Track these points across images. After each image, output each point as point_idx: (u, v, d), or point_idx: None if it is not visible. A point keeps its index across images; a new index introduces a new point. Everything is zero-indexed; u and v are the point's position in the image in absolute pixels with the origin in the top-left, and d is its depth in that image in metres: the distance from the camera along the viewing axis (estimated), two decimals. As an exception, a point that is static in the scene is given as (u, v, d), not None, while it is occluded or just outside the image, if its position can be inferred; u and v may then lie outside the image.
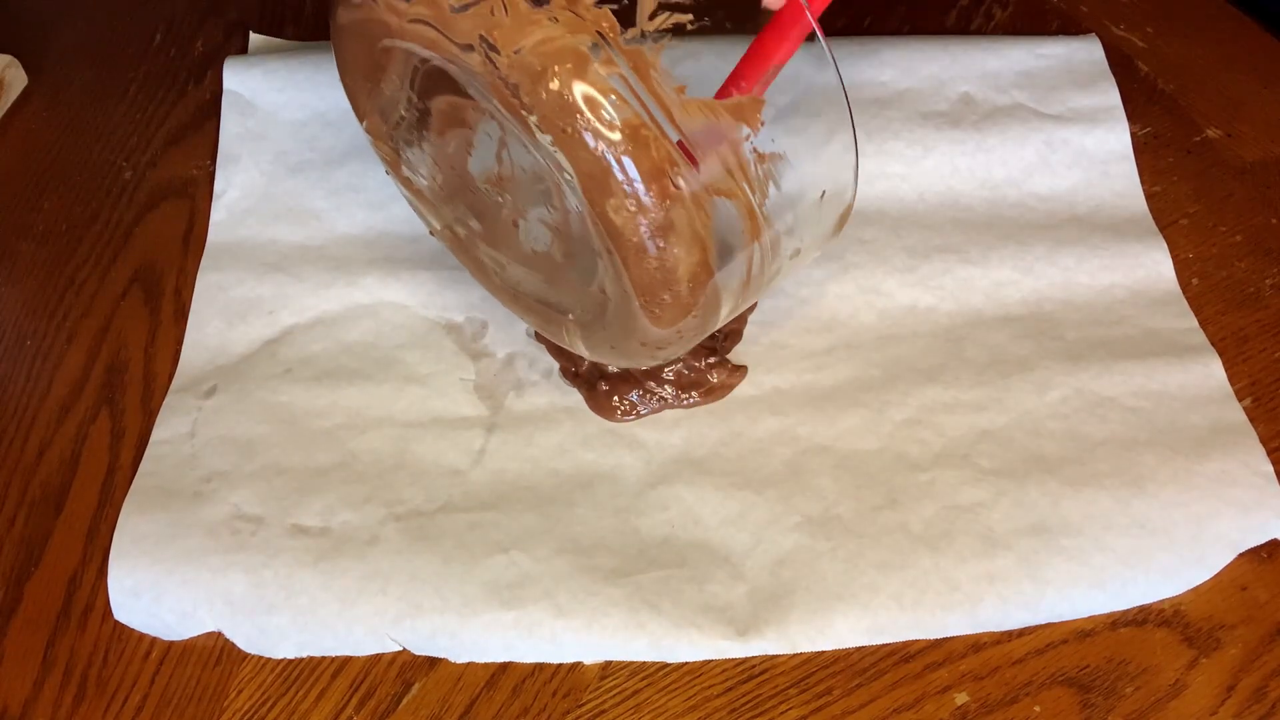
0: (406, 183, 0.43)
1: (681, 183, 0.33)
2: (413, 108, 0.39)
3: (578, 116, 0.32)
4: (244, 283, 0.49)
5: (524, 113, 0.32)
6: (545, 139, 0.33)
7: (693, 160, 0.33)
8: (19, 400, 0.46)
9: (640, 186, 0.32)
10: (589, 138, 0.32)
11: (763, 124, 0.34)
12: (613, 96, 0.32)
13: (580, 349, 0.41)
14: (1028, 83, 0.54)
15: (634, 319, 0.36)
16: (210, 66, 0.59)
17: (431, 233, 0.45)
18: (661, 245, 0.33)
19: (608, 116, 0.32)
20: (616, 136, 0.32)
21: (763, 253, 0.36)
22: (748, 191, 0.34)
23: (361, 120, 0.42)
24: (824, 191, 0.37)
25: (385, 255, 0.50)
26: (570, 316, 0.40)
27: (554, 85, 0.31)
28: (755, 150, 0.34)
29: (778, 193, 0.35)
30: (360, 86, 0.40)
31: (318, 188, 0.53)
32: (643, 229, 0.33)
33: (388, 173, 0.44)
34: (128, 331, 0.49)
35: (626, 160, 0.32)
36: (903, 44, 0.56)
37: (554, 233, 0.39)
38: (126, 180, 0.55)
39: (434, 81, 0.37)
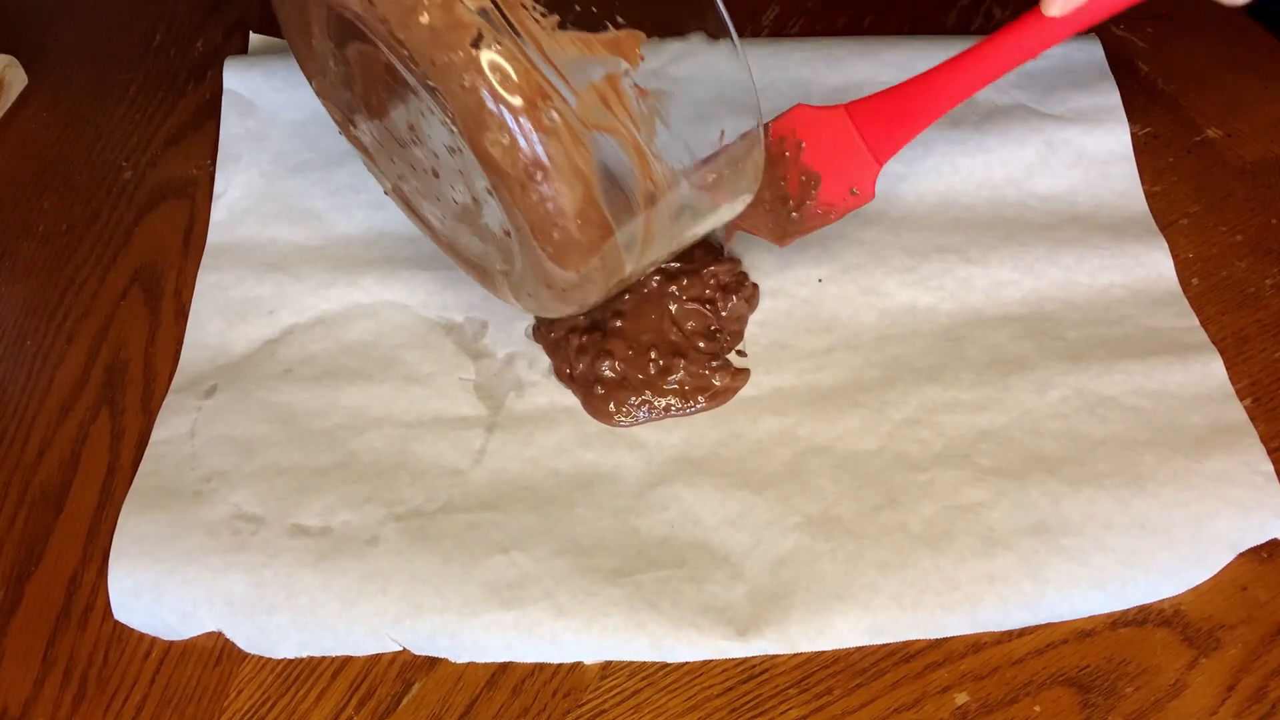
0: (356, 142, 0.43)
1: (555, 115, 0.33)
2: (338, 62, 0.39)
3: (447, 50, 0.32)
4: (244, 283, 0.49)
5: (400, 48, 0.33)
6: (420, 73, 0.33)
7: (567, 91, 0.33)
8: (19, 400, 0.46)
9: (511, 119, 0.32)
10: (460, 71, 0.32)
11: (642, 59, 0.34)
12: (480, 29, 0.32)
13: (511, 301, 0.41)
14: (1028, 82, 0.54)
15: (539, 262, 0.36)
16: (210, 66, 0.59)
17: (386, 193, 0.45)
18: (540, 179, 0.33)
19: (476, 48, 0.32)
20: (486, 69, 0.32)
21: (660, 194, 0.36)
22: (630, 127, 0.34)
23: (310, 82, 0.42)
24: (723, 130, 0.36)
25: (385, 255, 0.50)
26: (498, 268, 0.40)
27: (424, 19, 0.32)
28: (636, 86, 0.34)
29: (667, 130, 0.35)
30: (299, 45, 0.41)
31: (318, 188, 0.53)
32: (521, 162, 0.33)
33: (339, 133, 0.44)
34: (128, 331, 0.49)
35: (499, 92, 0.32)
36: (903, 44, 0.56)
37: (463, 178, 0.39)
38: (126, 180, 0.55)
39: (345, 30, 0.37)
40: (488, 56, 0.32)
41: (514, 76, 0.32)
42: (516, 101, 0.32)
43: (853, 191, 0.41)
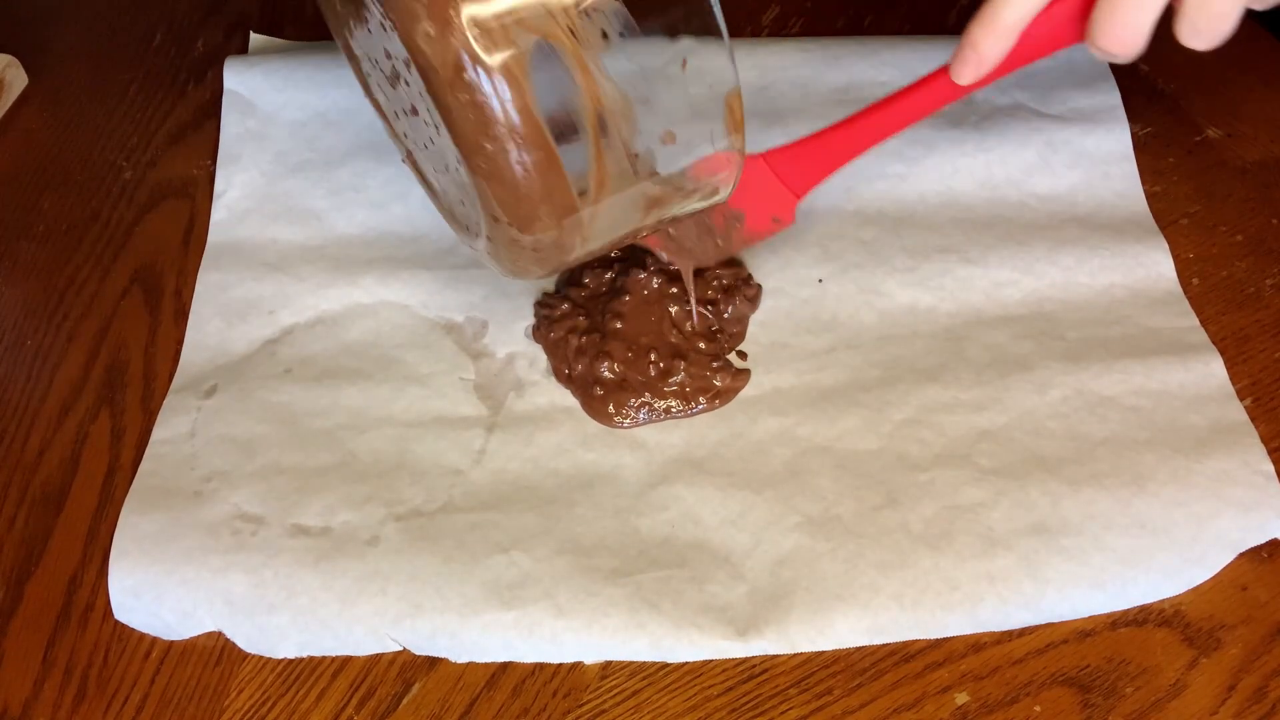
0: (376, 105, 0.43)
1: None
2: (343, 4, 0.39)
3: None
4: (244, 283, 0.49)
5: None
6: None
7: None
8: (19, 400, 0.46)
9: (439, 8, 0.32)
10: None
11: None
12: None
13: (490, 265, 0.40)
14: (1028, 83, 0.54)
15: (484, 194, 0.35)
16: (210, 66, 0.59)
17: (401, 160, 0.44)
18: (469, 75, 0.32)
19: None
20: None
21: (612, 120, 0.34)
22: (567, 33, 0.33)
23: (336, 40, 0.42)
24: (685, 59, 0.35)
25: (385, 255, 0.50)
26: (481, 228, 0.39)
27: None
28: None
29: (613, 44, 0.33)
30: (325, 3, 0.40)
31: (318, 188, 0.53)
32: (449, 54, 0.32)
33: (365, 96, 0.43)
34: (128, 331, 0.49)
35: None
36: (903, 44, 0.56)
37: (427, 112, 0.38)
38: (126, 180, 0.55)
39: None
40: None
41: None
42: None
43: (775, 220, 0.44)
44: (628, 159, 0.36)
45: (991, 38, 0.38)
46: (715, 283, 0.46)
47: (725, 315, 0.46)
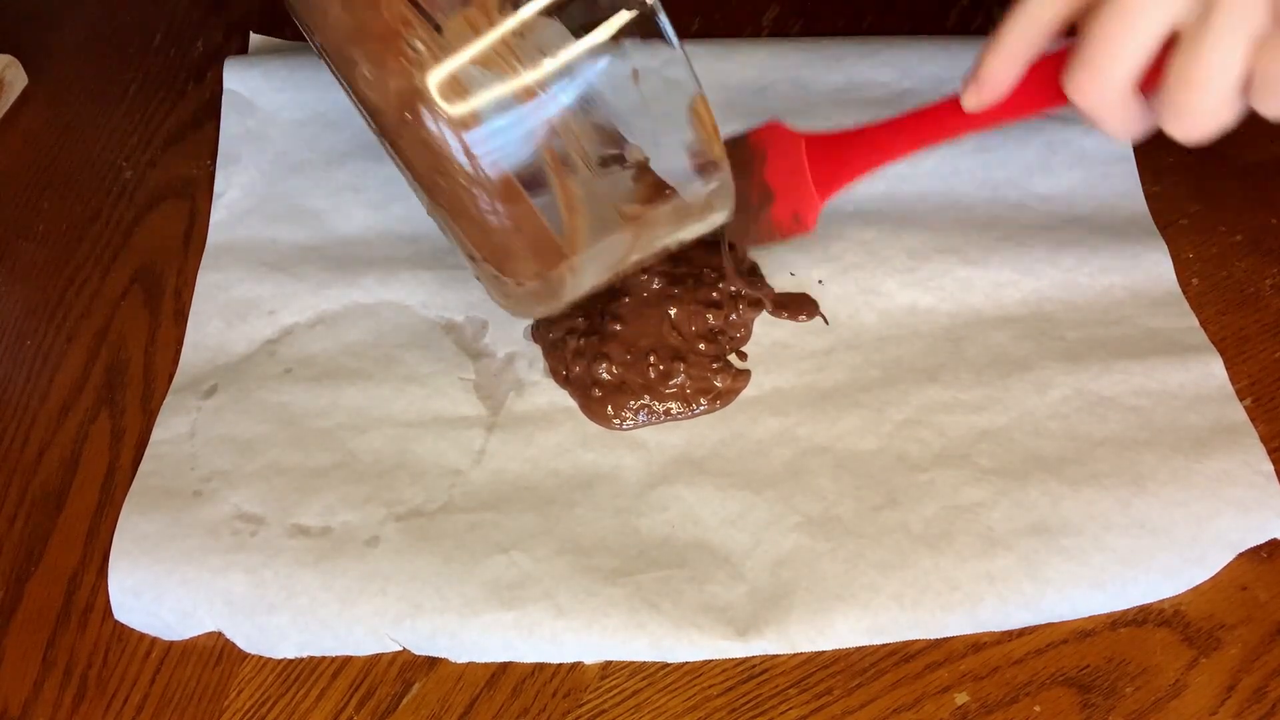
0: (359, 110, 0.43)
1: (419, 45, 0.31)
2: None
3: None
4: (244, 283, 0.49)
5: None
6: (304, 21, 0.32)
7: (433, 21, 0.31)
8: (19, 400, 0.46)
9: (374, 49, 0.31)
10: (325, 7, 0.31)
11: None
12: None
13: (488, 292, 0.40)
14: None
15: (453, 229, 0.35)
16: (210, 66, 0.59)
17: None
18: (410, 117, 0.32)
19: None
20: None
21: (569, 141, 0.33)
22: (506, 59, 0.32)
23: (311, 45, 0.41)
24: (634, 70, 0.33)
25: (385, 255, 0.50)
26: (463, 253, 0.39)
27: None
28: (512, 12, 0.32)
29: (557, 62, 0.32)
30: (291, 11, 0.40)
31: (318, 188, 0.53)
32: (390, 96, 0.31)
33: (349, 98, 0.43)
34: (128, 331, 0.49)
35: (363, 21, 0.31)
36: (903, 44, 0.56)
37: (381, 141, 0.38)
38: (126, 180, 0.55)
39: None
40: None
41: (378, 7, 0.31)
42: (378, 30, 0.31)
43: (796, 219, 0.42)
44: (595, 181, 0.35)
45: (995, 63, 0.36)
46: (720, 285, 0.46)
47: (733, 318, 0.46)
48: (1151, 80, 0.34)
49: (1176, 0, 0.32)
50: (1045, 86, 0.37)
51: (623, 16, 0.32)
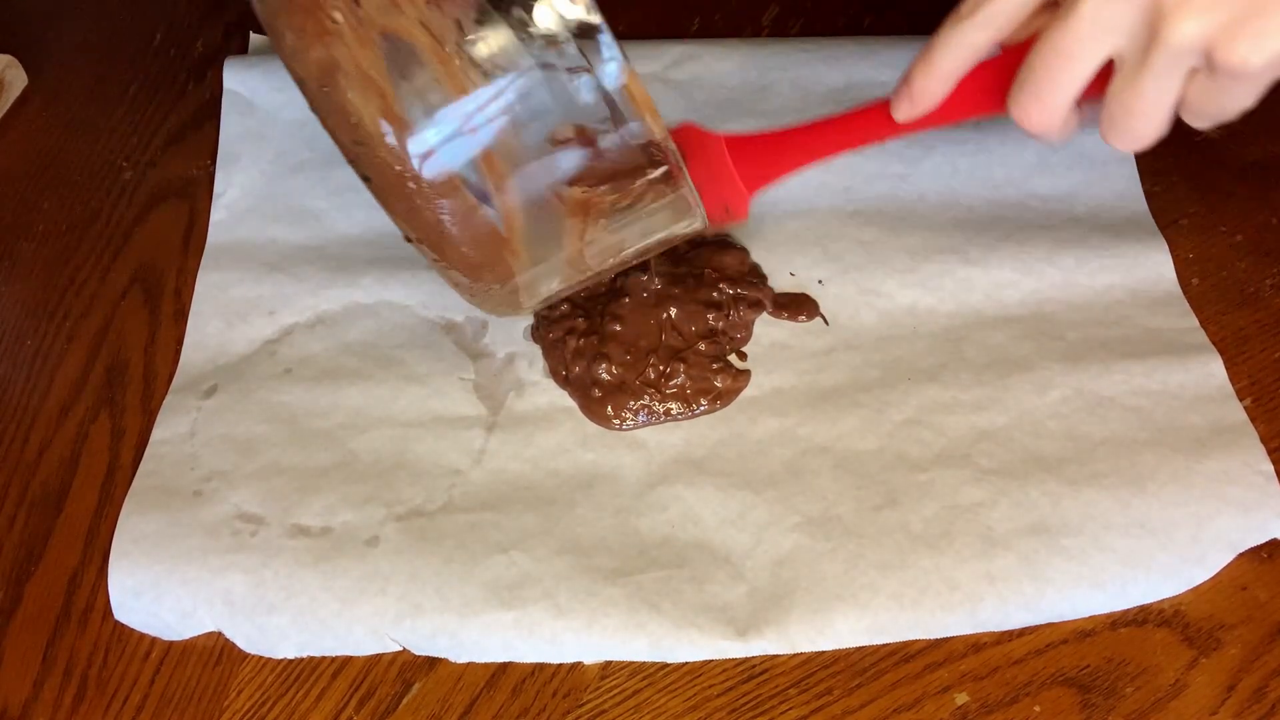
0: None
1: (339, 16, 0.31)
2: None
3: None
4: (244, 283, 0.49)
5: None
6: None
7: None
8: (19, 400, 0.46)
9: (297, 20, 0.31)
10: None
11: None
12: None
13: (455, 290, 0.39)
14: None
15: (384, 208, 0.34)
16: (210, 66, 0.59)
17: None
18: (327, 89, 0.32)
19: None
20: None
21: (485, 115, 0.33)
22: (419, 27, 0.32)
23: None
24: (560, 43, 0.32)
25: (385, 255, 0.50)
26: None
27: None
28: None
29: (473, 36, 0.32)
30: None
31: (318, 188, 0.53)
32: (311, 65, 0.32)
33: None
34: (128, 331, 0.49)
35: None
36: (903, 44, 0.56)
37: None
38: (126, 180, 0.55)
39: None
40: None
41: None
42: (301, 2, 0.31)
43: (726, 210, 0.42)
44: (525, 163, 0.34)
45: (927, 80, 0.37)
46: (722, 285, 0.46)
47: (734, 318, 0.46)
48: (1088, 92, 0.35)
49: (1116, 33, 0.33)
50: (978, 95, 0.38)
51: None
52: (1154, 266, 0.47)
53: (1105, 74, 0.35)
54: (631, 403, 0.44)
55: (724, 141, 0.41)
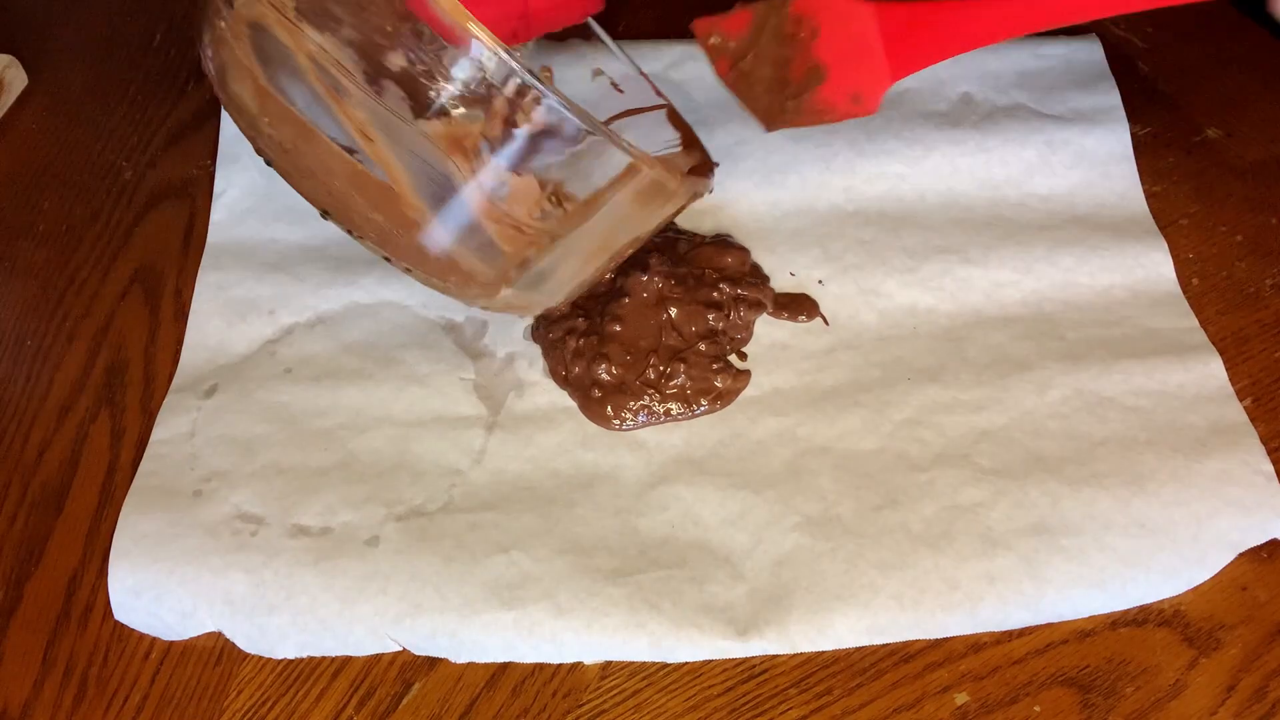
0: None
1: (221, 24, 0.34)
2: None
3: None
4: (244, 283, 0.49)
5: None
6: None
7: None
8: (19, 400, 0.46)
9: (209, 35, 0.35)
10: None
11: None
12: None
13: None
14: (1028, 83, 0.54)
15: (287, 178, 0.37)
16: (210, 66, 0.59)
17: None
18: (223, 94, 0.35)
19: None
20: None
21: (315, 58, 0.34)
22: (276, 11, 0.33)
23: None
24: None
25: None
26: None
27: None
28: None
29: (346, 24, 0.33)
30: None
31: (318, 188, 0.53)
32: (211, 70, 0.36)
33: None
34: (128, 331, 0.49)
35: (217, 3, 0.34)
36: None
37: None
38: (126, 180, 0.55)
39: None
40: None
41: None
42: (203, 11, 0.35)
43: (855, 99, 0.37)
44: (374, 103, 0.33)
45: None
46: (723, 285, 0.46)
47: (734, 319, 0.46)
48: None
49: None
50: None
51: None
52: (1154, 266, 0.47)
53: None
54: (631, 403, 0.44)
55: (873, 11, 0.35)
